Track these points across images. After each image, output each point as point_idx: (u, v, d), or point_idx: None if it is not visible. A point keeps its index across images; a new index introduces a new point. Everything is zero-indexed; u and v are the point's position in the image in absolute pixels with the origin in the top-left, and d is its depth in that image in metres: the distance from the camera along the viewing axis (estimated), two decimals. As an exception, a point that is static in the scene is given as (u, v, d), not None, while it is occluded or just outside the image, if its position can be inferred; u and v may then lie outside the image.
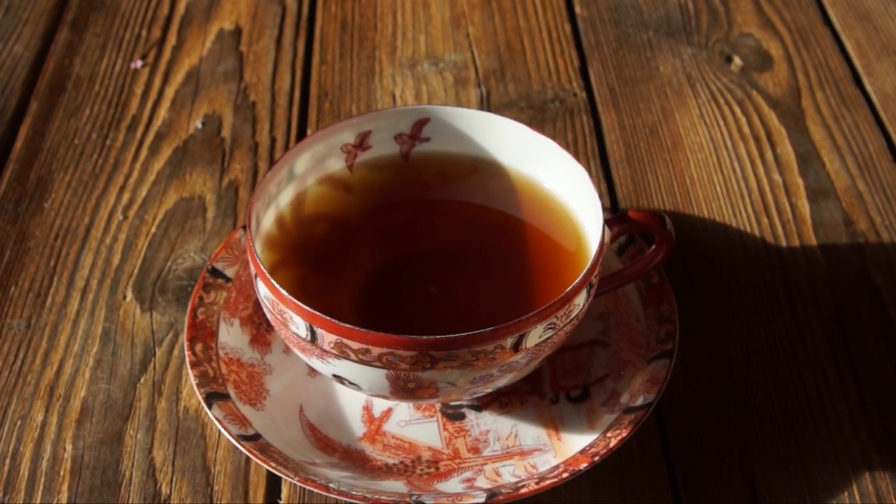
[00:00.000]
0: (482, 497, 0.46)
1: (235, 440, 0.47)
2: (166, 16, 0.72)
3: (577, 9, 0.73)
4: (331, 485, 0.46)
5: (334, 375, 0.46)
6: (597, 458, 0.47)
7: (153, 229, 0.59)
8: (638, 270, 0.51)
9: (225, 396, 0.49)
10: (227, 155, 0.64)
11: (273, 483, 0.49)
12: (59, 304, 0.56)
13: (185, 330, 0.51)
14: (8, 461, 0.49)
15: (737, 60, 0.70)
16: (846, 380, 0.52)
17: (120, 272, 0.57)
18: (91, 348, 0.54)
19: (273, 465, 0.46)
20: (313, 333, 0.44)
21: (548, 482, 0.46)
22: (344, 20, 0.73)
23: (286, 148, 0.64)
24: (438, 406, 0.51)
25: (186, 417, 0.51)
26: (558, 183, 0.52)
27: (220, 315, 0.52)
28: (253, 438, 0.48)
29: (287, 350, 0.52)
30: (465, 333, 0.43)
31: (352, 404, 0.50)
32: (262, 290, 0.46)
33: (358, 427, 0.50)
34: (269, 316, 0.47)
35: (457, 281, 0.51)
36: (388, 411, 0.50)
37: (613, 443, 0.47)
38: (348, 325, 0.43)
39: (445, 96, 0.68)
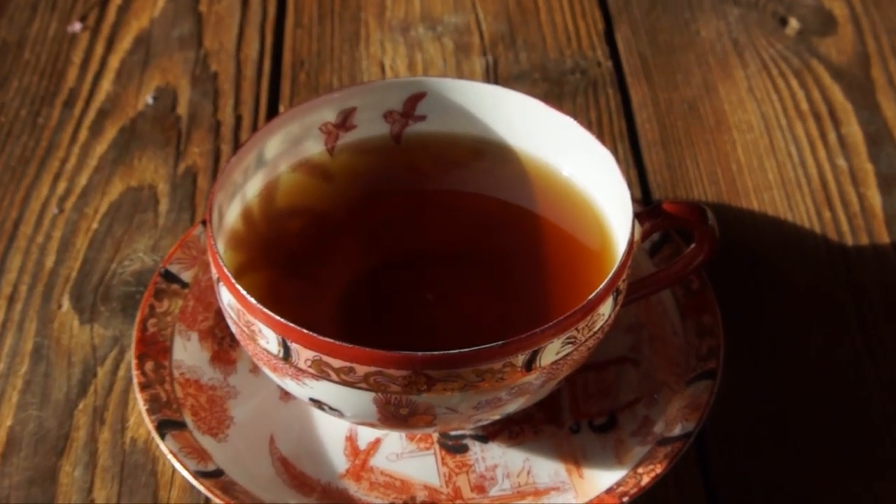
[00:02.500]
0: (488, 545, 0.46)
1: (193, 477, 0.47)
2: (110, -30, 0.73)
3: (602, -39, 0.74)
4: (307, 530, 0.46)
5: (312, 399, 0.46)
6: (626, 499, 0.47)
7: (94, 225, 0.60)
8: (674, 274, 0.51)
9: (180, 425, 0.49)
10: (184, 136, 0.64)
11: (238, 528, 0.49)
12: (-19, 314, 0.56)
13: (133, 345, 0.52)
14: (-79, 502, 0.50)
15: (793, 23, 0.70)
16: (924, 405, 0.53)
17: (55, 276, 0.57)
18: (19, 368, 0.54)
19: (238, 506, 0.47)
20: (287, 349, 0.44)
21: (567, 527, 0.46)
22: (323, -25, 0.73)
23: (254, 128, 0.64)
24: (436, 436, 0.51)
25: (134, 450, 0.51)
26: (579, 170, 0.52)
27: (175, 327, 0.53)
28: (214, 475, 0.48)
29: (255, 369, 0.52)
30: (469, 349, 0.43)
31: (333, 434, 0.51)
32: (226, 298, 0.46)
33: (340, 461, 0.50)
34: (233, 328, 0.47)
35: (458, 286, 0.51)
36: (376, 443, 0.50)
37: (646, 480, 0.47)
38: (328, 340, 0.43)
39: (444, 66, 0.68)
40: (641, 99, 0.66)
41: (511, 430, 0.51)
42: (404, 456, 0.50)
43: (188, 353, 0.52)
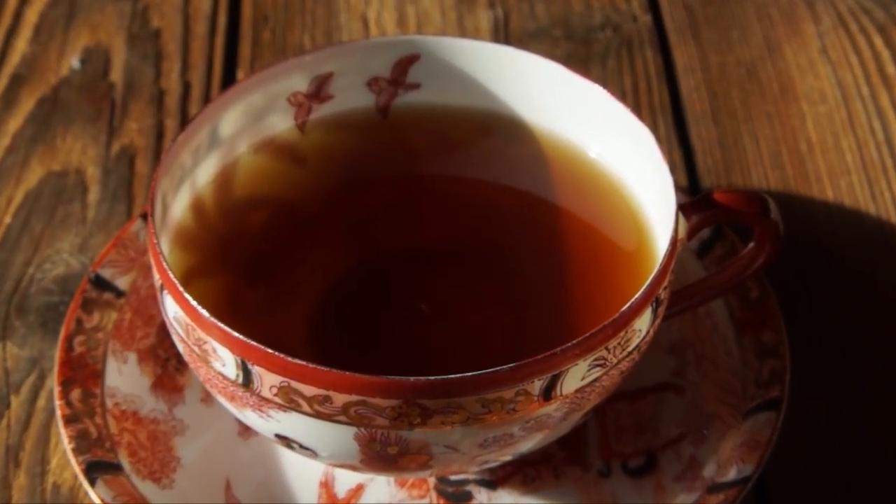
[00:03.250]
0: None
1: (131, 532, 0.48)
2: None
3: None
4: None
5: (278, 436, 0.47)
6: (668, 559, 0.47)
7: (7, 219, 0.60)
8: (729, 280, 0.52)
9: (115, 468, 0.50)
10: (118, 108, 0.64)
11: None
12: None
13: (56, 369, 0.52)
14: None
15: (877, -33, 0.70)
16: None
17: (-42, 283, 0.58)
18: (-84, 396, 0.54)
19: (187, 568, 0.47)
20: (247, 373, 0.45)
21: None
22: None
23: (206, 99, 0.65)
24: (433, 482, 0.51)
25: (57, 499, 0.51)
26: (610, 150, 0.52)
27: (108, 347, 0.53)
28: (157, 530, 0.48)
29: (208, 399, 0.53)
30: (473, 373, 0.43)
31: (304, 479, 0.51)
32: (172, 310, 0.46)
33: (313, 513, 0.50)
34: (181, 347, 0.47)
35: (459, 295, 0.51)
36: (358, 490, 0.51)
37: (692, 536, 0.48)
38: (299, 361, 0.43)
39: (443, 22, 0.68)
40: (688, 62, 0.66)
41: (525, 474, 0.51)
42: (393, 506, 0.51)
43: (124, 378, 0.52)
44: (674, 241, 0.47)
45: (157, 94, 0.65)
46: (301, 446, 0.46)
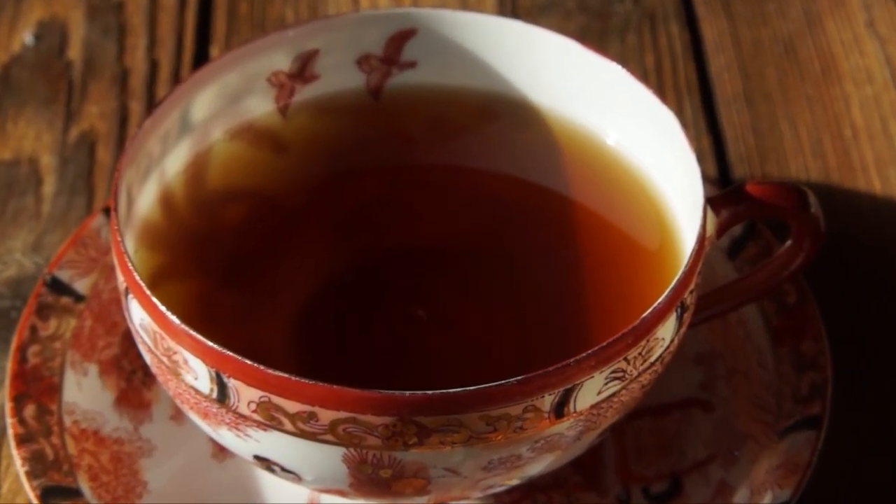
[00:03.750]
0: None
1: (92, 565, 0.48)
2: None
3: None
4: None
5: (257, 457, 0.47)
6: None
7: (-47, 214, 0.60)
8: (763, 282, 0.52)
9: (74, 493, 0.50)
10: (77, 90, 0.64)
11: None
12: None
13: (8, 382, 0.52)
14: None
15: (930, -69, 0.70)
16: None
17: None
18: None
19: None
20: (223, 388, 0.45)
21: None
22: None
23: (175, 79, 0.65)
24: (430, 509, 0.51)
25: (10, 528, 0.52)
26: (630, 137, 0.52)
27: (67, 357, 0.53)
28: (121, 563, 0.49)
29: (178, 416, 0.53)
30: (475, 387, 0.43)
31: (286, 506, 0.51)
32: (138, 316, 0.46)
33: (296, 544, 0.51)
34: (148, 358, 0.47)
35: (460, 299, 0.51)
36: (347, 518, 0.51)
37: (722, 569, 0.48)
38: (281, 374, 0.43)
39: (442, -9, 0.68)
40: (717, 37, 0.66)
41: (535, 501, 0.51)
42: (386, 536, 0.51)
43: (84, 392, 0.53)
44: (701, 239, 0.47)
45: (121, 74, 0.65)
46: (283, 469, 0.47)
